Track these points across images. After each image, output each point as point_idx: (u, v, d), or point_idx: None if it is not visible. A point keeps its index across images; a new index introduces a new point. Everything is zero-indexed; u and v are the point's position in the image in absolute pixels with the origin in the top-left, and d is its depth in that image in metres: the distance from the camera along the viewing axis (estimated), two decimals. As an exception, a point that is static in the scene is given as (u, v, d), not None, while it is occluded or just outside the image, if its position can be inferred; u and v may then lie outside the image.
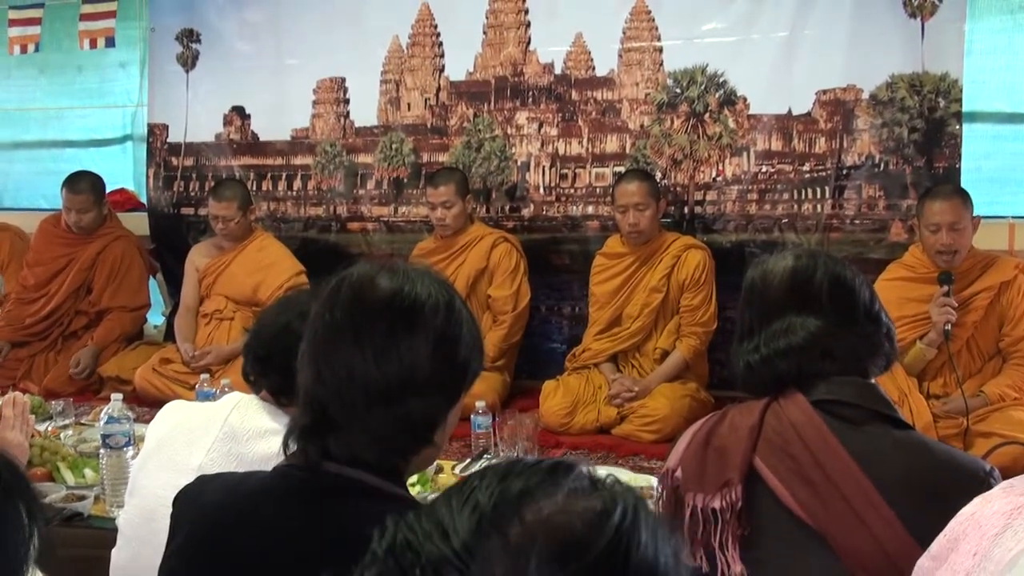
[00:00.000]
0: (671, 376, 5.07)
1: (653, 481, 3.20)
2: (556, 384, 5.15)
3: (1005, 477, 1.70)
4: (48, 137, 7.34)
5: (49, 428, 4.30)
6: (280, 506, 1.63)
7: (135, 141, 7.03)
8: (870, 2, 5.16)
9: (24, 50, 7.18)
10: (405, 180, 6.17)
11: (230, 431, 2.20)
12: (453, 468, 3.75)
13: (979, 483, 1.78)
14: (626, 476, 3.66)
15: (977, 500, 1.40)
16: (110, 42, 6.95)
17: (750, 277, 2.16)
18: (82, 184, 6.03)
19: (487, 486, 1.04)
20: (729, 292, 4.99)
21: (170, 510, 1.77)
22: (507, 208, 5.95)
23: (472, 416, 3.93)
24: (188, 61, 6.60)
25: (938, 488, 1.81)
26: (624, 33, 5.67)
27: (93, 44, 6.97)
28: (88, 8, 6.93)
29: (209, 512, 1.70)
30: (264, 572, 1.58)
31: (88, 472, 3.70)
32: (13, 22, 7.16)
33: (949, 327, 4.34)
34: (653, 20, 5.60)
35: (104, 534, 2.86)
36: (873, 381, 2.07)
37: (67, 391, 5.47)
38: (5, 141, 7.46)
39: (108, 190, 6.34)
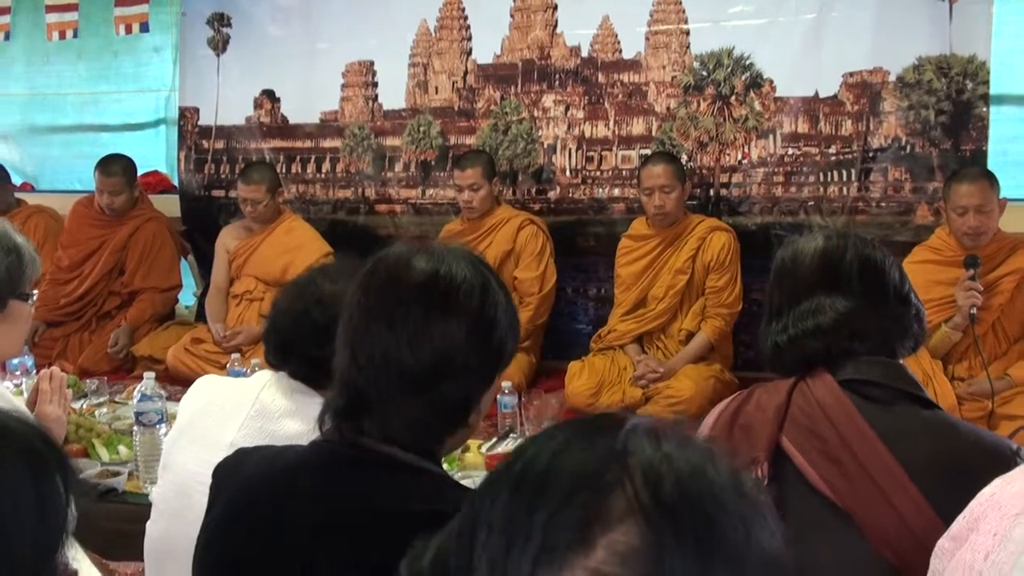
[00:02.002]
0: (696, 357, 5.06)
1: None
2: (581, 365, 5.14)
3: (1029, 458, 1.69)
4: (85, 121, 7.38)
5: (84, 406, 4.34)
6: (317, 478, 1.64)
7: (168, 125, 7.05)
8: (898, -16, 5.11)
9: (63, 36, 7.24)
10: (432, 163, 6.17)
11: (261, 408, 2.20)
12: (480, 447, 3.76)
13: (1006, 462, 1.76)
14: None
15: (997, 481, 1.39)
16: (144, 27, 7.00)
17: (780, 257, 2.15)
18: (114, 167, 6.06)
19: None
20: (754, 274, 4.98)
21: (203, 484, 1.78)
22: (533, 190, 5.94)
23: (499, 396, 3.93)
24: (219, 45, 6.61)
25: (965, 468, 1.79)
26: (651, 16, 5.64)
27: (128, 29, 7.03)
28: (123, -7, 6.99)
29: (248, 483, 1.71)
30: (301, 541, 1.58)
31: (122, 449, 3.74)
32: (50, 8, 7.21)
33: (975, 310, 4.30)
34: (680, 3, 5.56)
35: (138, 509, 2.89)
36: (901, 362, 2.05)
37: (101, 370, 5.53)
38: (43, 125, 7.51)
39: (142, 172, 6.38)
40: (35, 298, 2.87)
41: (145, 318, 6.05)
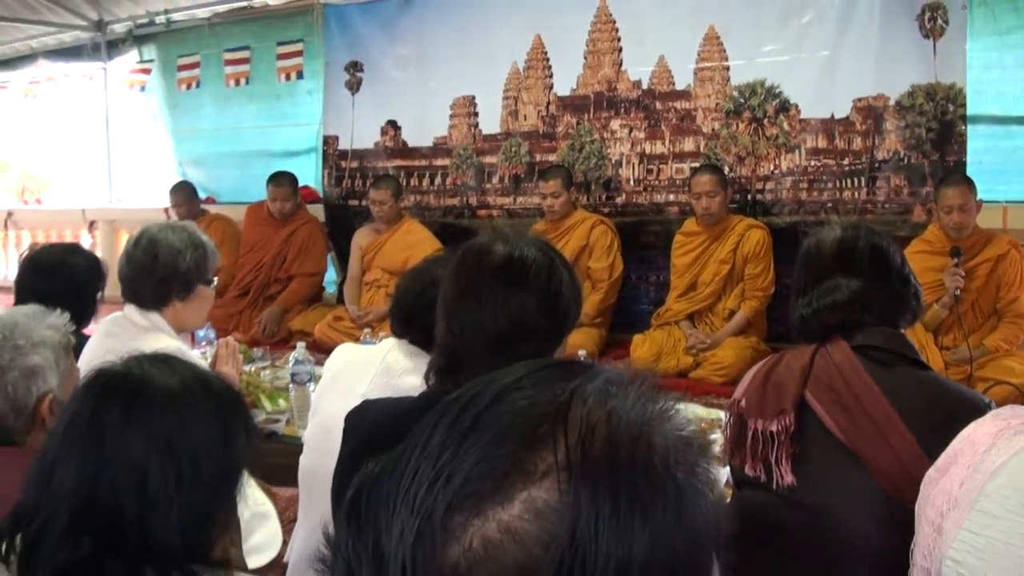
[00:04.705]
0: (737, 331, 4.99)
1: (722, 414, 3.17)
2: (644, 337, 5.12)
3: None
4: (254, 149, 7.54)
5: (252, 368, 4.43)
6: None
7: (317, 151, 7.17)
8: (894, 26, 4.99)
9: (238, 83, 7.51)
10: (522, 176, 6.18)
11: (386, 367, 2.22)
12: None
13: (980, 413, 1.71)
14: (700, 411, 3.62)
15: (972, 424, 1.38)
16: (300, 75, 7.17)
17: (805, 245, 2.12)
18: (284, 180, 6.27)
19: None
20: (784, 263, 4.89)
21: (343, 426, 1.81)
22: (604, 197, 5.91)
23: (575, 361, 3.93)
24: (354, 86, 6.71)
25: (948, 416, 1.74)
26: (698, 55, 5.57)
27: (287, 77, 7.22)
28: (282, 49, 7.19)
29: (370, 427, 1.73)
30: None
31: (281, 401, 3.81)
32: (228, 62, 7.49)
33: (959, 292, 4.27)
34: (722, 44, 5.49)
35: (294, 448, 2.93)
36: (902, 331, 2.02)
37: (266, 340, 5.65)
38: (224, 152, 7.72)
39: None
40: (215, 284, 2.94)
41: (297, 299, 6.17)
